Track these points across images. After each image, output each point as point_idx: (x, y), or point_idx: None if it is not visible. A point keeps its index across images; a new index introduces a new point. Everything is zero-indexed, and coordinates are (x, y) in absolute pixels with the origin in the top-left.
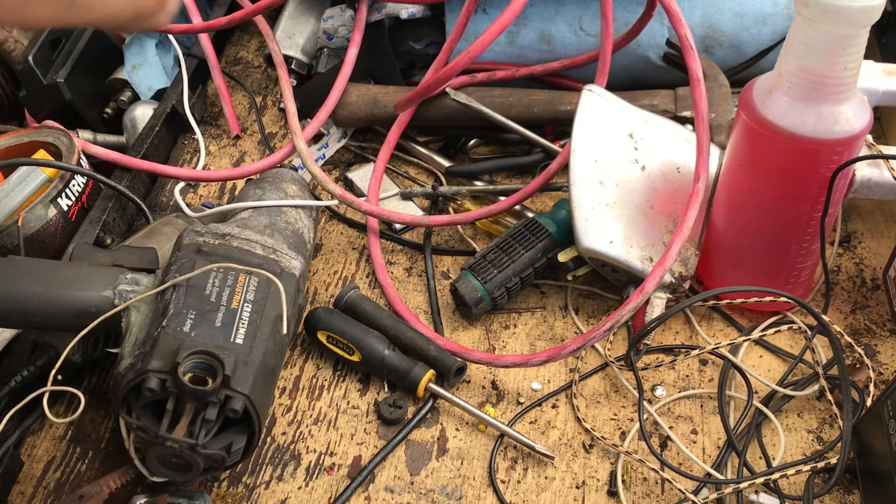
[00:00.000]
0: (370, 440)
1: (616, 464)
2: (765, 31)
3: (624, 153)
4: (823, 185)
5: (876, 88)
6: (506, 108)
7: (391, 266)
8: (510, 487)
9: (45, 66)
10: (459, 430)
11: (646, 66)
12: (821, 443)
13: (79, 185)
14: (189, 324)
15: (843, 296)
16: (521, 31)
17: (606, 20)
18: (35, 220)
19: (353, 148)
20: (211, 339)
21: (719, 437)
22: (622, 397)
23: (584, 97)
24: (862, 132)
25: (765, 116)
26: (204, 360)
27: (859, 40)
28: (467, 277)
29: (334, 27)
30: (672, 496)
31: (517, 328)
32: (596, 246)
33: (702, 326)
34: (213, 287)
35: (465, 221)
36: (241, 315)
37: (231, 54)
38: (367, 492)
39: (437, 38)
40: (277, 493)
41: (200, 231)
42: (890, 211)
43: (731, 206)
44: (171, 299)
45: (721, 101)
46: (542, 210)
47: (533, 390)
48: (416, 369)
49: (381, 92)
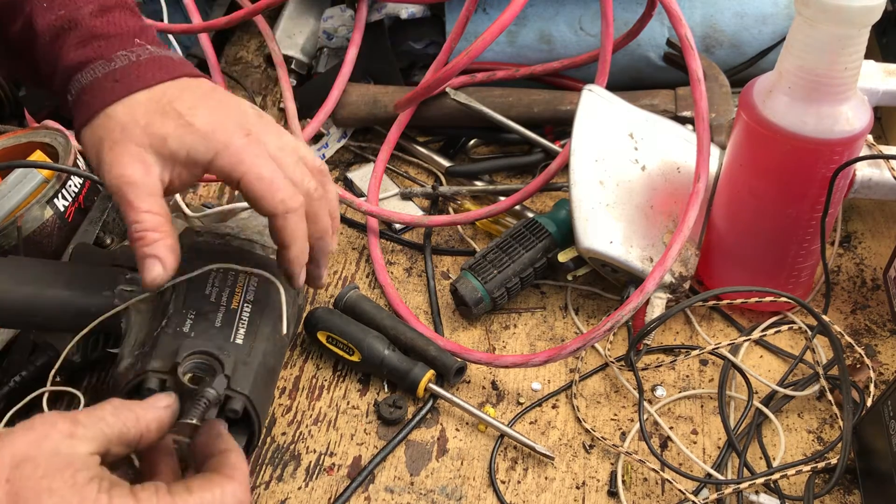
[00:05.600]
0: (370, 440)
1: (616, 464)
2: (765, 31)
3: (624, 153)
4: (824, 185)
5: (876, 88)
6: (506, 108)
7: (391, 266)
8: (510, 488)
9: None
10: (459, 430)
11: (646, 66)
12: (821, 443)
13: (75, 185)
14: (189, 324)
15: (844, 296)
16: (521, 31)
17: (606, 20)
18: (31, 221)
19: (353, 148)
20: (211, 340)
21: (719, 437)
22: (622, 397)
23: (584, 97)
24: (862, 132)
25: (765, 116)
26: (204, 361)
27: (859, 40)
28: (467, 277)
29: (334, 27)
30: (672, 496)
31: (517, 328)
32: (596, 246)
33: (702, 326)
34: (213, 287)
35: (465, 221)
36: (241, 315)
37: (231, 54)
38: (367, 492)
39: (437, 38)
40: (277, 493)
41: (200, 231)
42: (890, 211)
43: (731, 206)
44: (171, 300)
45: (721, 101)
46: (542, 210)
47: (533, 390)
48: (415, 369)
49: (381, 92)
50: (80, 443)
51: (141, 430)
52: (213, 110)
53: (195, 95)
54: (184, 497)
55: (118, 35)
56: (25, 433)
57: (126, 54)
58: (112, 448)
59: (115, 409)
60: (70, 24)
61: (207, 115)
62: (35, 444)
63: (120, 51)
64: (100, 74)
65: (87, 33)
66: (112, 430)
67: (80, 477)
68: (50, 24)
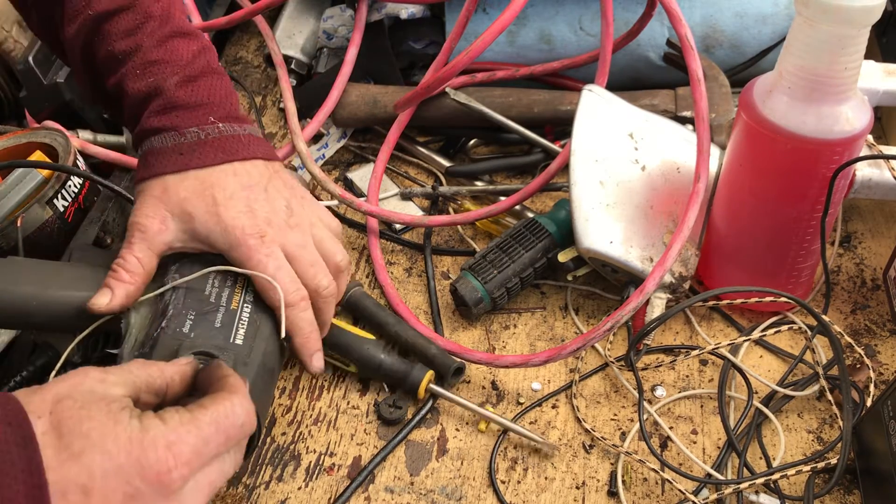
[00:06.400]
0: (370, 440)
1: (616, 464)
2: (765, 31)
3: (624, 153)
4: (824, 185)
5: (876, 88)
6: (506, 108)
7: (391, 266)
8: (510, 488)
9: (45, 66)
10: (459, 430)
11: (646, 66)
12: (821, 443)
13: (75, 185)
14: (189, 324)
15: (844, 296)
16: (521, 31)
17: (606, 20)
18: (31, 221)
19: (352, 148)
20: (210, 340)
21: (719, 437)
22: (622, 397)
23: (584, 97)
24: (862, 132)
25: (765, 116)
26: (204, 361)
27: (860, 40)
28: (467, 277)
29: (334, 27)
30: (672, 496)
31: (517, 328)
32: (596, 246)
33: (702, 326)
34: (213, 288)
35: (465, 221)
36: (241, 316)
37: (231, 54)
38: (366, 492)
39: (437, 38)
40: (277, 493)
41: None
42: (890, 211)
43: (731, 206)
44: (171, 300)
45: (721, 101)
46: (542, 210)
47: (533, 390)
48: (414, 371)
49: (381, 92)
50: (111, 386)
51: (166, 380)
52: (245, 205)
53: (238, 185)
54: (201, 412)
55: (196, 107)
56: (63, 380)
57: (196, 131)
58: (141, 395)
59: (142, 364)
60: (156, 91)
61: (236, 209)
62: (73, 386)
63: (193, 126)
64: (169, 145)
65: (169, 103)
66: (139, 379)
67: (114, 406)
68: (139, 90)
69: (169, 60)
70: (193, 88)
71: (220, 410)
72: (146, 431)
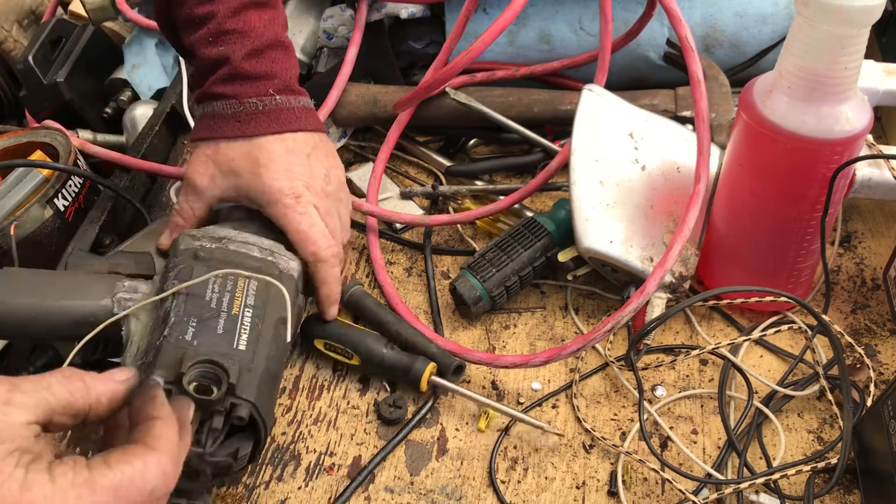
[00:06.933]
0: (370, 440)
1: (616, 464)
2: (765, 30)
3: (624, 153)
4: (824, 184)
5: (876, 88)
6: (506, 108)
7: (391, 266)
8: (510, 487)
9: (45, 66)
10: (459, 430)
11: (646, 65)
12: (821, 443)
13: (75, 185)
14: (191, 332)
15: (844, 296)
16: (521, 31)
17: (606, 20)
18: (31, 221)
19: (352, 148)
20: (214, 348)
21: (719, 437)
22: (622, 397)
23: (584, 97)
24: (862, 132)
25: (765, 116)
26: (208, 370)
27: (859, 40)
28: (466, 276)
29: (334, 27)
30: (672, 496)
31: (517, 328)
32: (596, 246)
33: (702, 326)
34: (213, 293)
35: (465, 221)
36: (243, 321)
37: None
38: (366, 492)
39: (437, 37)
40: (277, 493)
41: (197, 235)
42: (890, 211)
43: (731, 205)
44: (172, 307)
45: (721, 100)
46: (542, 210)
47: (533, 390)
48: (417, 364)
49: (380, 92)
50: (15, 410)
51: (90, 402)
52: (285, 168)
53: (281, 150)
54: (102, 471)
55: (259, 78)
56: None
57: (255, 102)
58: (56, 417)
59: (65, 378)
60: (224, 60)
61: (276, 171)
62: None
63: (252, 97)
64: (229, 112)
65: (234, 72)
66: (57, 399)
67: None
68: (209, 56)
69: (240, 31)
70: (258, 61)
71: (127, 473)
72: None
